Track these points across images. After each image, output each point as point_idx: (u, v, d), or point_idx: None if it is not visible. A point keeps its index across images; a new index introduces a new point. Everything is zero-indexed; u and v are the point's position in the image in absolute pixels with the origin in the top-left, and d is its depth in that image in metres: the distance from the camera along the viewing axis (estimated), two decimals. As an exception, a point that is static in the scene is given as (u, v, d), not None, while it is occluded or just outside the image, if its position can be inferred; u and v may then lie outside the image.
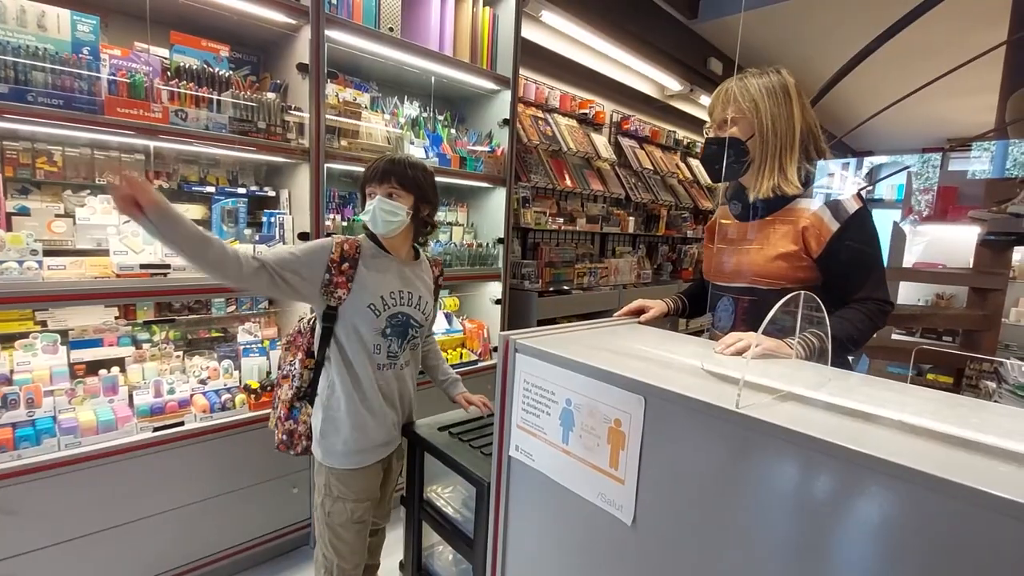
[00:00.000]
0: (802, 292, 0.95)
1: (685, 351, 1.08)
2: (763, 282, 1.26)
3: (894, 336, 3.79)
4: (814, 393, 0.82)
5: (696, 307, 1.55)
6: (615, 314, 1.46)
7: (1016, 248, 3.77)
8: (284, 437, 1.53)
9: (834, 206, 1.20)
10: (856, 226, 1.19)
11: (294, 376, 1.52)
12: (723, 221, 1.42)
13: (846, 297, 1.20)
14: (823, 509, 0.67)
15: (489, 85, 2.77)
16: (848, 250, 1.19)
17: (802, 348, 1.06)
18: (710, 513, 0.79)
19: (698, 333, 1.52)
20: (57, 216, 1.78)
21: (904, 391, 0.88)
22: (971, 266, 2.62)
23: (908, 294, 4.54)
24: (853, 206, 1.20)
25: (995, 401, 1.69)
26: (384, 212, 1.43)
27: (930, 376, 3.34)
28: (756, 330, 1.02)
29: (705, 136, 1.35)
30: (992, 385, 1.90)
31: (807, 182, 1.26)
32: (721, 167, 1.28)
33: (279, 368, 1.58)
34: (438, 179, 2.66)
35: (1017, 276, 3.92)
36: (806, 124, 1.25)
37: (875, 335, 1.27)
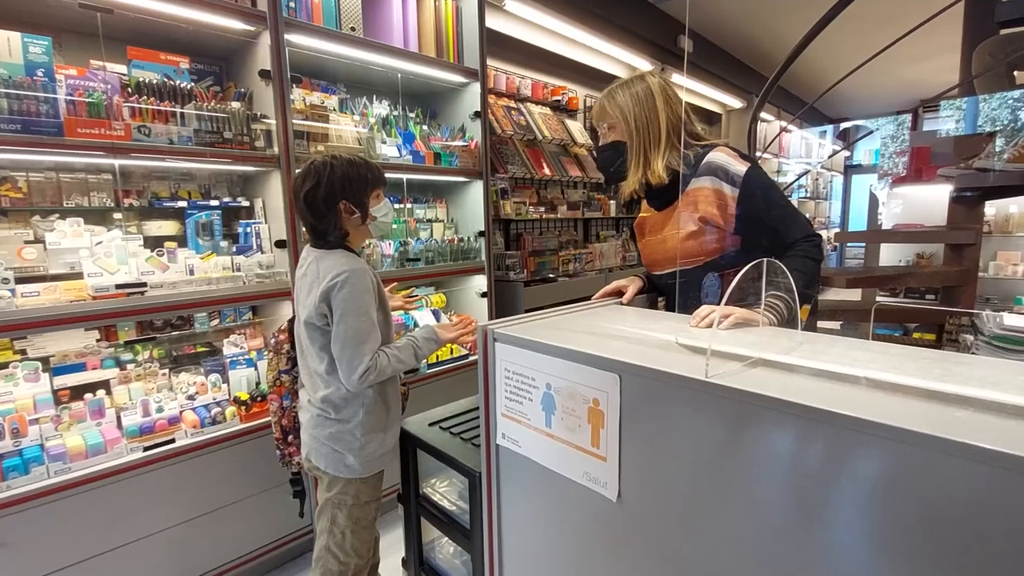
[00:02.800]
0: (765, 260, 0.96)
1: (660, 327, 1.10)
2: (686, 262, 1.35)
3: (879, 298, 3.84)
4: (784, 357, 0.83)
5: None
6: (593, 298, 1.47)
7: (989, 202, 3.83)
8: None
9: (724, 174, 1.29)
10: (754, 183, 1.27)
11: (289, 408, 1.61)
12: (644, 214, 1.52)
13: (777, 247, 1.27)
14: (797, 470, 0.68)
15: (458, 79, 2.76)
16: (758, 207, 1.27)
17: (771, 314, 1.10)
18: (691, 483, 0.80)
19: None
20: (27, 242, 1.76)
21: (870, 348, 0.90)
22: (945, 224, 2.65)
23: (890, 255, 4.59)
24: (740, 167, 1.28)
25: (972, 353, 1.72)
26: (394, 212, 1.49)
27: (916, 335, 3.39)
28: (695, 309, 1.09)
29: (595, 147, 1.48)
30: (971, 338, 1.94)
31: (695, 163, 1.33)
32: (611, 169, 1.43)
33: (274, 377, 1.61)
34: (413, 176, 2.69)
35: (993, 230, 3.98)
36: (673, 117, 1.35)
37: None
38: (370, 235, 1.53)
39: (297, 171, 1.46)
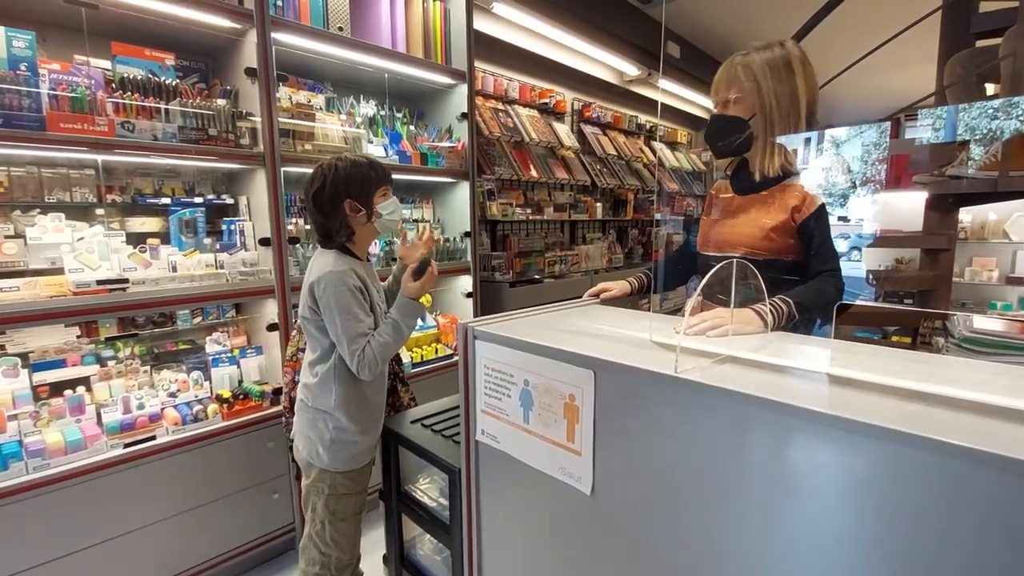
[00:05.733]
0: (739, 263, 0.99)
1: (637, 326, 1.12)
2: (752, 253, 1.29)
3: (858, 301, 3.91)
4: (752, 355, 0.86)
5: (668, 281, 1.60)
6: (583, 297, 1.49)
7: (966, 209, 3.92)
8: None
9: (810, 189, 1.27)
10: (822, 208, 1.25)
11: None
12: (723, 195, 1.45)
13: (810, 270, 1.26)
14: (763, 462, 0.71)
15: (445, 80, 2.78)
16: (818, 228, 1.24)
17: (772, 316, 1.08)
18: (661, 475, 0.83)
19: (677, 311, 1.56)
20: (7, 237, 1.75)
21: (837, 347, 0.93)
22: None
23: (870, 261, 4.69)
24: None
25: (942, 354, 1.77)
26: (401, 210, 1.54)
27: (894, 338, 3.47)
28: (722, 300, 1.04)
29: (711, 114, 1.37)
30: (942, 340, 1.99)
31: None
32: (724, 144, 1.31)
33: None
34: (400, 177, 2.70)
35: (969, 237, 4.07)
36: (810, 98, 1.26)
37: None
38: (377, 233, 1.57)
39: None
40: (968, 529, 0.55)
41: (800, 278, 1.25)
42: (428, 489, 1.63)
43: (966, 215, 4.10)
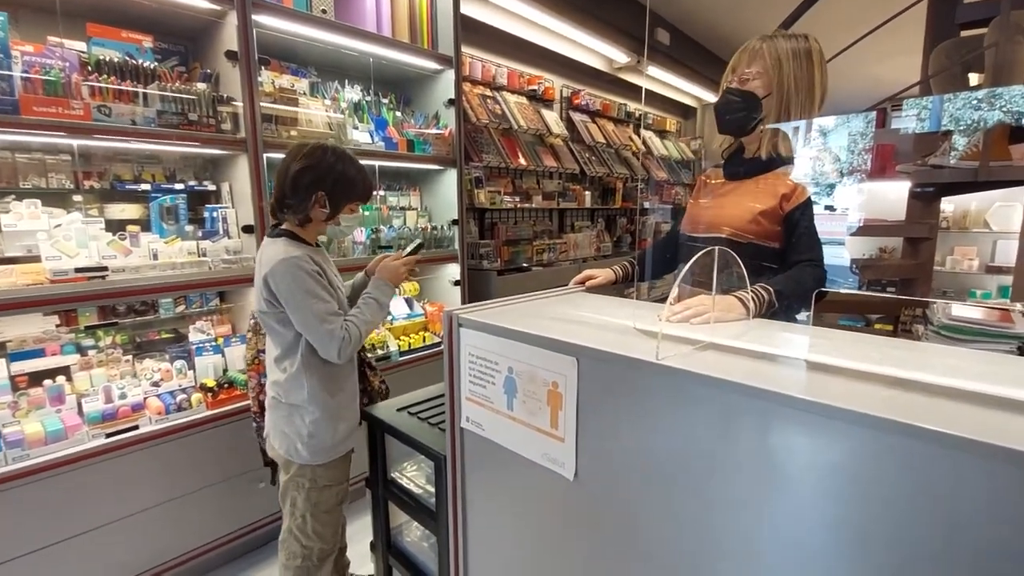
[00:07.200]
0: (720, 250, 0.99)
1: (621, 313, 1.12)
2: (736, 235, 1.30)
3: (841, 289, 3.96)
4: (733, 342, 0.87)
5: (656, 269, 1.61)
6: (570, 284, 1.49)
7: (948, 199, 3.97)
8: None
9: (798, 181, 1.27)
10: (810, 199, 1.25)
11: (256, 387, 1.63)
12: (713, 180, 1.45)
13: (791, 259, 1.27)
14: (743, 448, 0.72)
15: (432, 65, 2.74)
16: (804, 218, 1.25)
17: (754, 303, 1.08)
18: (643, 461, 0.83)
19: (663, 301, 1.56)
20: (-20, 224, 1.70)
21: (816, 335, 0.94)
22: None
23: (854, 250, 4.74)
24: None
25: (922, 341, 1.80)
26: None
27: (877, 325, 3.53)
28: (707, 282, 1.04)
29: (725, 87, 1.35)
30: (922, 328, 2.02)
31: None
32: (734, 118, 1.31)
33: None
34: (386, 164, 2.67)
35: (951, 226, 4.13)
36: (823, 93, 1.28)
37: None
38: (324, 232, 1.53)
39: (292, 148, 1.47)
40: (944, 513, 0.56)
41: (779, 266, 1.26)
42: (415, 476, 1.63)
43: (948, 204, 4.15)
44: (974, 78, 2.28)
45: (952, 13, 2.61)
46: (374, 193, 2.73)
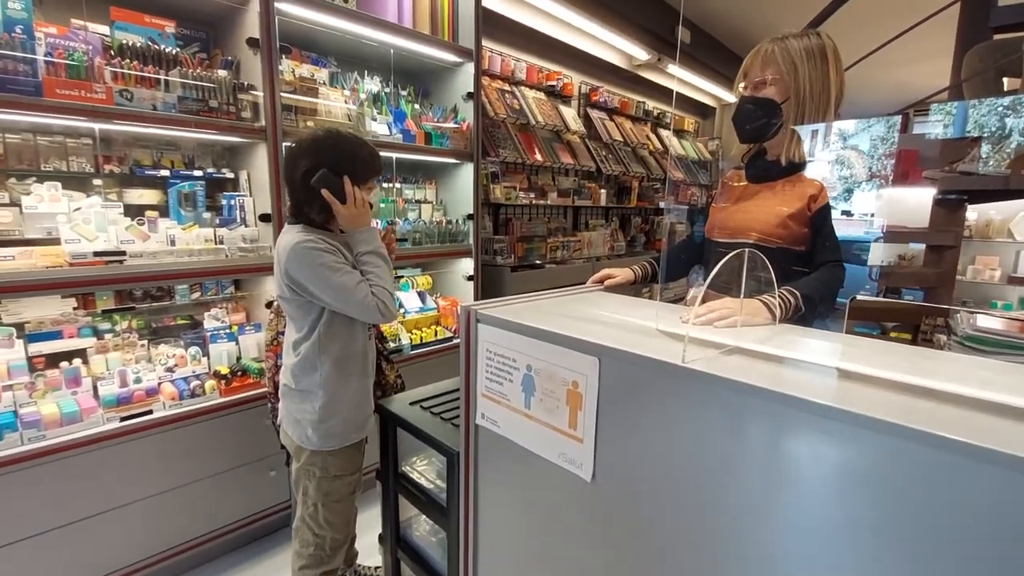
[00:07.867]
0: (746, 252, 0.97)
1: (642, 314, 1.11)
2: (764, 239, 1.27)
3: (859, 296, 3.90)
4: (760, 347, 0.85)
5: (671, 271, 1.59)
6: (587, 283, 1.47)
7: (971, 208, 3.89)
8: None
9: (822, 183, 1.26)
10: (829, 203, 1.25)
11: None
12: (735, 183, 1.42)
13: (817, 260, 1.25)
14: (768, 455, 0.70)
15: (451, 58, 2.72)
16: (826, 221, 1.23)
17: (781, 308, 1.05)
18: (664, 464, 0.82)
19: (678, 301, 1.53)
20: (2, 205, 1.72)
21: (844, 342, 0.91)
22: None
23: (872, 256, 4.68)
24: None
25: (945, 351, 1.76)
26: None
27: (893, 334, 3.48)
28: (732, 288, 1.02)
29: (739, 95, 1.33)
30: (944, 338, 1.98)
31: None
32: (753, 127, 1.29)
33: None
34: (403, 156, 2.66)
35: (973, 235, 4.05)
36: (839, 90, 1.25)
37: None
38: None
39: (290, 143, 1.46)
40: (972, 527, 0.54)
41: (807, 270, 1.24)
42: (426, 471, 1.62)
43: (971, 214, 4.07)
44: (1009, 83, 2.22)
45: (986, 16, 2.55)
46: (390, 186, 2.73)
